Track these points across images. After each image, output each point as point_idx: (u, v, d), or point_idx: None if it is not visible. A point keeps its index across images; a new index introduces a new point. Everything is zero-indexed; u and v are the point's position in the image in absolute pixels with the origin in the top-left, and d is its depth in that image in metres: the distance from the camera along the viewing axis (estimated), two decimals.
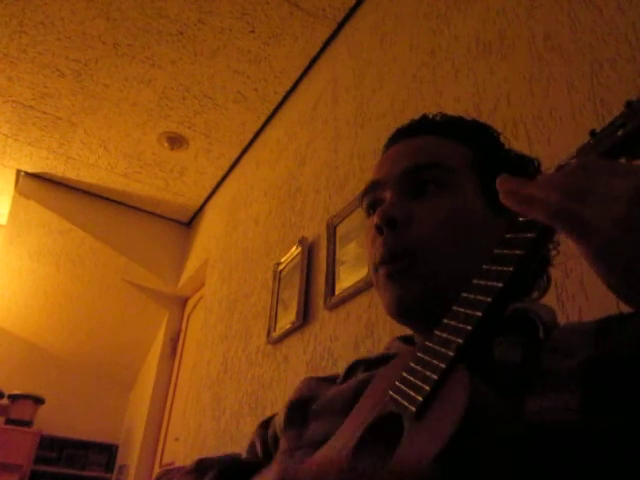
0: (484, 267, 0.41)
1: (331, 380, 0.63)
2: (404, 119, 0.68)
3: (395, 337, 0.66)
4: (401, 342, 0.63)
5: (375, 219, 0.55)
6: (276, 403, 1.80)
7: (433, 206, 0.55)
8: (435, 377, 0.36)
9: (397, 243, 0.54)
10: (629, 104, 0.39)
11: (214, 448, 2.17)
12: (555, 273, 0.94)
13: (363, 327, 1.45)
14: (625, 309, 0.48)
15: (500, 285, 0.38)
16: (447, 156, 0.59)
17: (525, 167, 0.63)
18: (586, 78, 1.03)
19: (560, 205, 0.34)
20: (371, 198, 0.61)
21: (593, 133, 0.41)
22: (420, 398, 0.35)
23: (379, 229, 0.55)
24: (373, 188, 0.61)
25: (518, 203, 0.37)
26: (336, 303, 1.61)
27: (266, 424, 0.67)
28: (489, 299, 0.38)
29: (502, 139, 0.65)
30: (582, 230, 0.34)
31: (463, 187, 0.57)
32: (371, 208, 0.62)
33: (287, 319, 1.89)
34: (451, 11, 1.55)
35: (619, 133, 0.38)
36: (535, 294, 0.59)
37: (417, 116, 0.68)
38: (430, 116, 0.66)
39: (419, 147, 0.61)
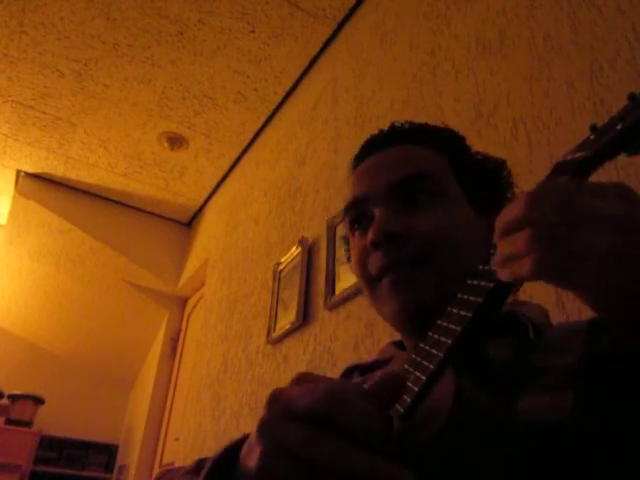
0: (479, 268, 0.42)
1: None
2: (404, 119, 0.68)
3: (389, 342, 0.66)
4: (395, 347, 0.63)
5: (370, 235, 0.54)
6: None
7: (428, 215, 0.55)
8: (424, 378, 0.36)
9: (400, 254, 0.53)
10: (632, 96, 0.38)
11: (214, 448, 2.17)
12: None
13: (363, 327, 1.45)
14: None
15: (491, 285, 0.39)
16: (429, 164, 0.58)
17: (494, 168, 0.63)
18: (586, 78, 1.03)
19: (538, 262, 0.33)
20: (355, 214, 0.60)
21: (594, 128, 0.40)
22: (408, 399, 0.36)
23: (375, 245, 0.54)
24: (357, 204, 0.59)
25: (507, 276, 0.36)
26: (336, 303, 1.61)
27: None
28: (480, 299, 0.38)
29: (468, 142, 0.65)
30: (567, 281, 0.33)
31: (450, 193, 0.57)
32: (356, 223, 0.60)
33: (287, 319, 1.89)
34: (451, 11, 1.55)
35: (618, 127, 0.37)
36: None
37: (416, 116, 0.68)
38: (398, 125, 0.65)
39: (399, 157, 0.59)
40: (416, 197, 0.56)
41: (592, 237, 0.32)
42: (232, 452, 0.39)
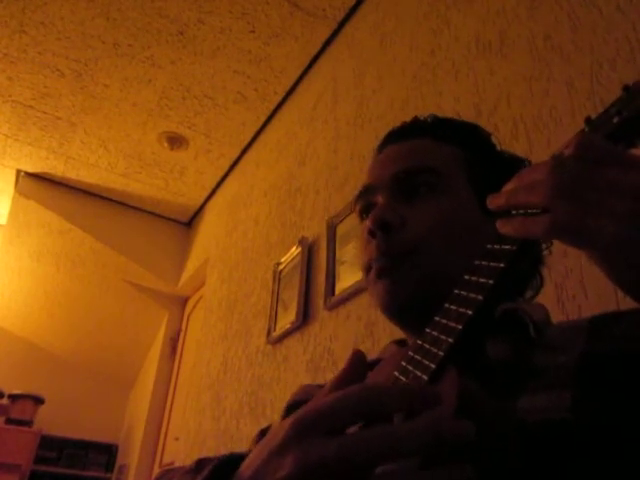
0: (476, 262, 0.40)
1: None
2: (404, 119, 0.68)
3: (391, 341, 0.66)
4: (397, 346, 0.63)
5: (367, 223, 0.55)
6: (276, 403, 1.80)
7: (426, 209, 0.55)
8: (425, 377, 0.35)
9: (391, 245, 0.54)
10: (627, 88, 0.37)
11: (214, 448, 2.17)
12: (555, 273, 0.94)
13: (363, 327, 1.45)
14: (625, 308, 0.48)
15: (491, 282, 0.37)
16: (438, 158, 0.58)
17: (516, 168, 0.62)
18: (586, 78, 1.03)
19: (556, 219, 0.33)
20: (364, 202, 0.61)
21: (588, 120, 0.39)
22: None
23: (372, 233, 0.55)
24: (365, 192, 0.61)
25: (514, 229, 0.36)
26: (336, 303, 1.61)
27: (264, 432, 0.67)
28: (480, 297, 0.37)
29: (493, 139, 0.64)
30: (584, 239, 0.33)
31: (455, 189, 0.57)
32: (364, 212, 0.62)
33: (287, 319, 1.89)
34: (451, 11, 1.55)
35: (615, 120, 0.37)
36: (529, 294, 0.59)
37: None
38: (422, 118, 0.65)
39: (410, 150, 0.60)
40: (418, 189, 0.56)
41: (614, 200, 0.32)
42: (232, 462, 0.39)
